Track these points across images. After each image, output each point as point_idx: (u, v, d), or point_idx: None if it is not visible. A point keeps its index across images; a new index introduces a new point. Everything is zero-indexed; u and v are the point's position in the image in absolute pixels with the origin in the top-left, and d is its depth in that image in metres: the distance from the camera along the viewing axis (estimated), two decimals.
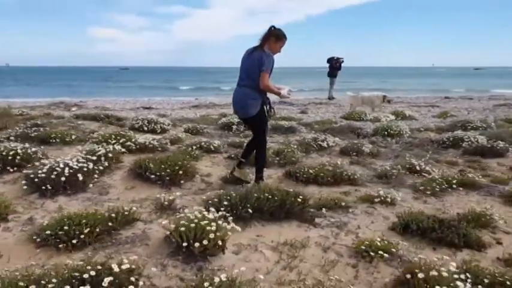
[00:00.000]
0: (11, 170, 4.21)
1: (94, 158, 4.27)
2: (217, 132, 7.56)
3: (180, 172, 4.10)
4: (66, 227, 2.69)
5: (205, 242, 2.50)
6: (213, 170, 4.81)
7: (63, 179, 3.65)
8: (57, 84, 39.66)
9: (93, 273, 2.08)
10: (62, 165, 3.74)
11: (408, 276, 2.28)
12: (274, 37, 3.95)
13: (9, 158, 4.28)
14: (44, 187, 3.59)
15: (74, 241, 2.63)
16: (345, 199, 3.80)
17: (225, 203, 3.07)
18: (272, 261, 2.62)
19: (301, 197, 3.33)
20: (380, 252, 2.62)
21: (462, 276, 2.25)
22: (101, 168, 4.15)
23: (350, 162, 5.53)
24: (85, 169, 3.87)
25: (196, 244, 2.51)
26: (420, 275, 2.21)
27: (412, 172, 4.96)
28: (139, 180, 4.16)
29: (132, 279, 2.13)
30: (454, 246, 2.86)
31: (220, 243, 2.61)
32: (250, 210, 3.04)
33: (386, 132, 7.43)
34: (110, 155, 4.58)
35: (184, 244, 2.53)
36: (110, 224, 2.87)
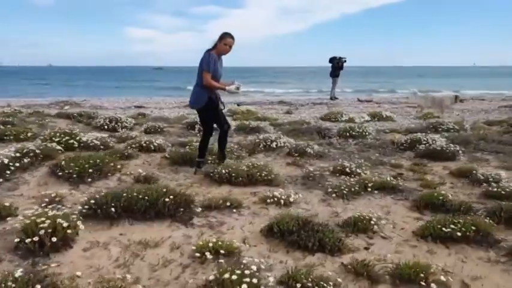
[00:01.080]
0: None
1: (17, 155, 4.46)
2: (179, 131, 7.65)
3: (90, 170, 4.19)
4: None
5: (50, 237, 2.58)
6: (140, 168, 4.88)
7: None
8: (77, 84, 40.97)
9: None
10: None
11: (225, 276, 2.26)
12: (220, 39, 4.46)
13: None
14: None
15: None
16: (239, 199, 3.78)
17: (92, 201, 3.13)
18: (113, 259, 2.66)
19: (183, 196, 3.36)
20: (221, 253, 2.62)
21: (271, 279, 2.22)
22: (17, 165, 4.30)
23: (287, 163, 5.49)
24: None
25: (35, 238, 2.59)
26: (229, 276, 2.20)
27: (342, 174, 4.87)
28: (55, 178, 4.28)
29: None
30: (307, 250, 2.80)
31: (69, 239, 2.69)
32: (113, 209, 3.08)
33: (348, 134, 7.29)
34: (38, 151, 4.74)
35: (28, 240, 2.62)
36: None
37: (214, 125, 4.87)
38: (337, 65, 17.37)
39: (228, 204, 3.54)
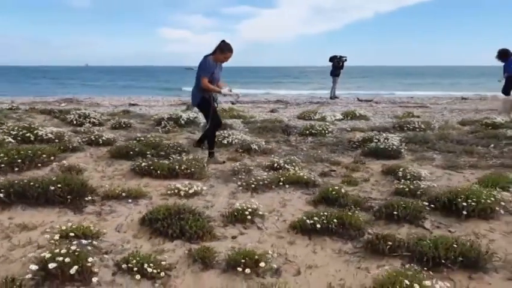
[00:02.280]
0: None
1: None
2: (146, 127, 7.90)
3: (19, 161, 4.47)
4: None
5: None
6: (80, 160, 5.13)
7: None
8: (94, 84, 42.44)
9: None
10: None
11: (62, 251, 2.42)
12: (220, 50, 4.99)
13: None
14: None
15: None
16: (145, 191, 3.95)
17: None
18: None
19: (77, 185, 3.56)
20: (79, 236, 2.79)
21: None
22: None
23: (227, 158, 5.61)
24: None
25: None
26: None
27: (272, 169, 4.95)
28: None
29: None
30: (167, 236, 2.94)
31: None
32: (1, 195, 3.32)
33: (308, 132, 7.32)
34: None
35: None
36: None
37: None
38: (337, 64, 17.22)
39: (124, 194, 3.71)
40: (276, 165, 4.97)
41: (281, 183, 4.28)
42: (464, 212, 3.32)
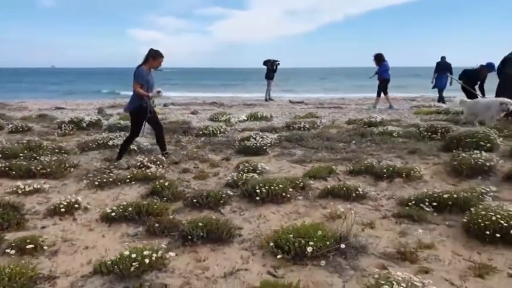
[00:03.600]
0: None
1: None
2: (46, 130, 8.14)
3: None
4: None
5: None
6: None
7: None
8: (39, 87, 41.06)
9: None
10: None
11: None
12: (152, 57, 5.55)
13: None
14: None
15: None
16: None
17: None
18: None
19: None
20: None
21: None
22: None
23: (105, 159, 5.99)
24: None
25: None
26: None
27: (137, 168, 5.36)
28: None
29: None
30: None
31: None
32: None
33: (201, 132, 7.81)
34: None
35: None
36: None
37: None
38: (270, 67, 17.90)
39: None
40: (139, 164, 5.40)
41: (128, 180, 4.72)
42: (257, 198, 3.88)
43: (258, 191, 3.93)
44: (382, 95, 12.58)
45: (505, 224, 2.94)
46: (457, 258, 2.85)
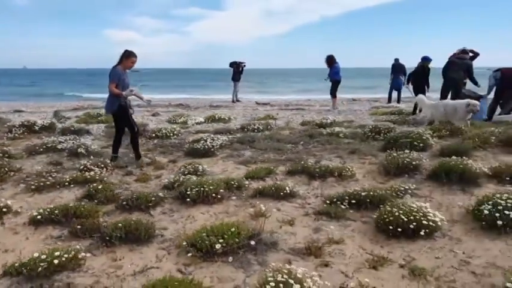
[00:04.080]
0: None
1: None
2: None
3: None
4: None
5: None
6: None
7: None
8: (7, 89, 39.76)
9: None
10: None
11: None
12: (125, 57, 5.68)
13: None
14: None
15: None
16: None
17: None
18: None
19: None
20: None
21: None
22: None
23: (49, 162, 5.97)
24: None
25: None
26: None
27: (79, 171, 5.38)
28: None
29: None
30: None
31: None
32: None
33: (154, 134, 7.86)
34: None
35: None
36: None
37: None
38: (236, 69, 18.02)
39: None
40: (82, 167, 5.42)
41: (67, 184, 4.75)
42: (188, 199, 4.01)
43: (188, 192, 4.05)
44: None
45: (405, 219, 3.18)
46: (360, 252, 3.06)
